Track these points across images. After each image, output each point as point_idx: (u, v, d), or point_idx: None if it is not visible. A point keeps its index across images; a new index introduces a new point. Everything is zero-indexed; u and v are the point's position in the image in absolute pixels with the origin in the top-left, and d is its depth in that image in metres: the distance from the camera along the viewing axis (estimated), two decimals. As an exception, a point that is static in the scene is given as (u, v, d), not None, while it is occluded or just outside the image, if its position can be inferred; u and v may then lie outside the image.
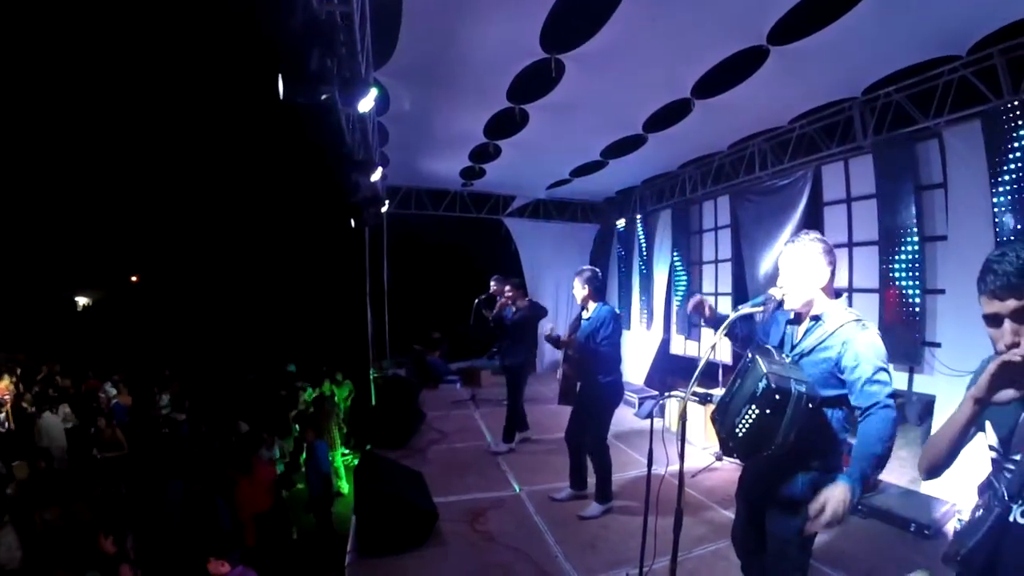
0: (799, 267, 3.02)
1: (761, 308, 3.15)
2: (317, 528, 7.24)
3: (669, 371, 11.91)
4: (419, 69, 6.56)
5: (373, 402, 10.12)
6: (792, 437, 2.70)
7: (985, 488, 2.10)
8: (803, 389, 2.68)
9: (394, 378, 11.21)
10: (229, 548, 4.72)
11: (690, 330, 11.13)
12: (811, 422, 2.77)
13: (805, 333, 3.07)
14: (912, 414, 8.50)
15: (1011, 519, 1.90)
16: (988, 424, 2.06)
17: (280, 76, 4.56)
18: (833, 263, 3.05)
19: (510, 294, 8.12)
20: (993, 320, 1.86)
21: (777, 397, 2.65)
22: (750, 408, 2.75)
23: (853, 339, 2.87)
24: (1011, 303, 1.78)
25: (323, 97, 4.79)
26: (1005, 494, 1.92)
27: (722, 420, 3.03)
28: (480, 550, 5.20)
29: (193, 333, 24.67)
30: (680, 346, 11.65)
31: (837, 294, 3.13)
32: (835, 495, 2.63)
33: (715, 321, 3.44)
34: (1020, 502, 1.88)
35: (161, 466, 7.05)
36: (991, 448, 2.05)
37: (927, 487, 6.27)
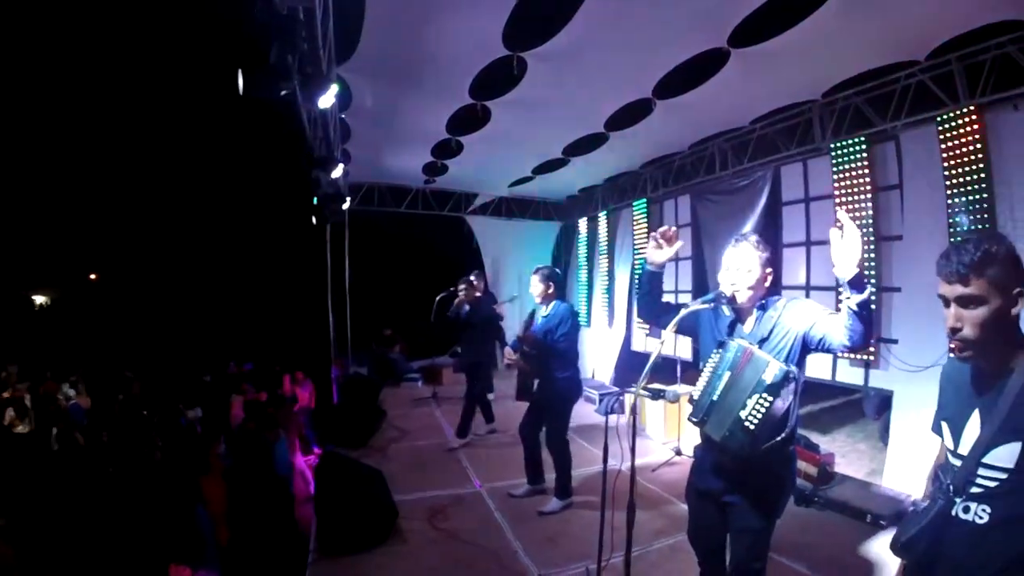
0: (746, 266, 3.12)
1: (711, 304, 3.19)
2: (278, 530, 7.14)
3: (631, 368, 11.99)
4: (382, 65, 6.53)
5: (335, 401, 10.07)
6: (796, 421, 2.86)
7: (934, 479, 2.20)
8: (796, 370, 2.81)
9: (355, 376, 11.15)
10: (199, 553, 4.67)
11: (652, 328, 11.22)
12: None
13: (755, 322, 3.15)
14: (870, 408, 8.71)
15: (953, 513, 1.99)
16: (944, 425, 2.15)
17: (240, 71, 4.52)
18: (772, 263, 3.19)
19: (465, 291, 8.21)
20: (944, 301, 1.99)
21: (789, 378, 2.76)
22: (761, 398, 2.79)
23: (797, 312, 3.01)
24: (958, 288, 1.91)
25: (283, 92, 4.75)
26: (950, 488, 2.00)
27: (717, 419, 3.02)
28: (441, 547, 5.21)
29: (153, 332, 24.29)
30: (641, 343, 11.72)
31: (770, 291, 3.24)
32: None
33: (654, 281, 3.50)
34: (963, 498, 1.97)
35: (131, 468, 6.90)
36: (946, 447, 2.13)
37: (884, 479, 6.43)
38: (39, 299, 34.94)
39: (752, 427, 2.81)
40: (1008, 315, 1.89)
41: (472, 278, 8.53)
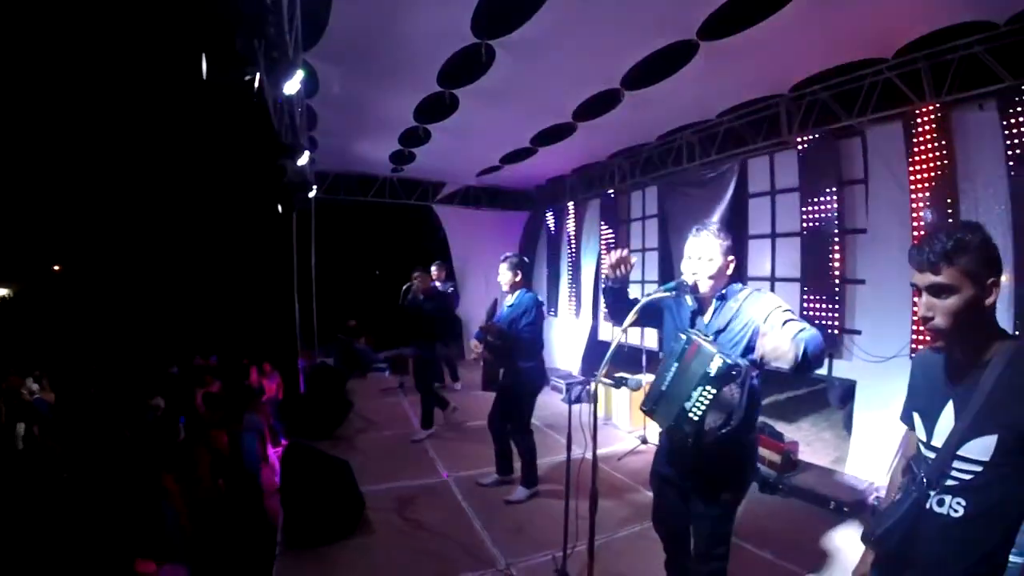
0: (708, 255, 3.16)
1: (672, 293, 3.21)
2: (246, 523, 7.04)
3: (599, 357, 12.07)
4: (349, 51, 6.45)
5: (302, 391, 9.99)
6: (743, 412, 2.81)
7: (907, 470, 2.18)
8: (744, 363, 2.79)
9: (322, 367, 11.06)
10: (165, 547, 4.59)
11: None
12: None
13: (714, 313, 3.19)
14: (834, 398, 8.85)
15: (927, 506, 1.99)
16: (916, 416, 2.15)
17: (203, 55, 4.44)
18: (733, 252, 3.22)
19: (419, 278, 8.19)
20: (916, 290, 1.99)
21: (733, 373, 2.73)
22: (705, 390, 2.79)
23: (757, 304, 3.03)
24: (929, 277, 1.91)
25: (247, 78, 4.68)
26: (924, 481, 2.00)
27: (664, 410, 3.05)
28: (408, 537, 5.20)
29: (117, 325, 23.87)
30: (609, 332, 11.77)
31: (736, 281, 3.27)
32: (777, 340, 2.66)
33: (617, 296, 3.54)
34: (937, 491, 1.97)
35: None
36: (918, 438, 2.13)
37: (848, 467, 6.55)
38: (0, 292, 34.20)
39: (696, 418, 2.82)
40: (981, 305, 1.87)
41: (434, 268, 8.49)
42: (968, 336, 1.92)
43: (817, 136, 7.35)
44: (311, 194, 10.05)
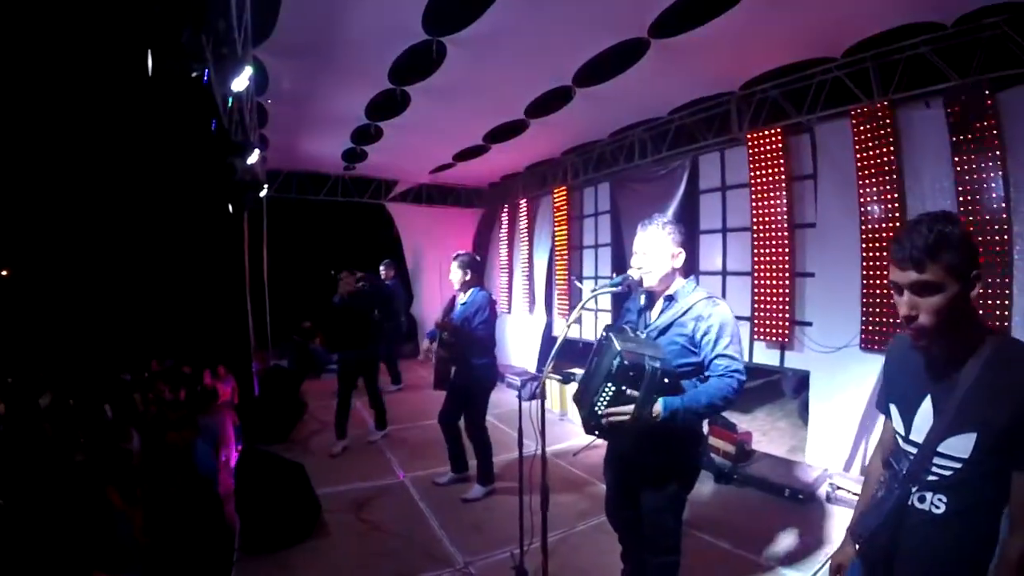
0: (653, 249, 3.18)
1: (618, 289, 3.24)
2: (201, 531, 6.88)
3: (553, 354, 12.11)
4: (299, 47, 6.35)
5: (256, 394, 9.84)
6: (648, 411, 2.82)
7: (887, 464, 2.17)
8: (657, 365, 2.79)
9: (276, 369, 10.92)
10: (121, 559, 4.49)
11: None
12: (670, 390, 2.90)
13: (661, 312, 3.22)
14: (788, 388, 8.99)
15: (909, 503, 1.97)
16: (893, 407, 2.12)
17: (149, 51, 4.35)
18: (682, 245, 3.21)
19: (343, 279, 7.93)
20: (896, 288, 1.90)
21: (631, 373, 2.77)
22: (607, 385, 2.85)
23: (706, 315, 3.02)
24: (912, 275, 1.82)
25: (194, 74, 4.60)
26: (907, 477, 1.98)
27: (581, 400, 3.15)
28: (365, 539, 5.15)
29: (67, 331, 23.26)
30: (562, 329, 11.81)
31: (687, 275, 3.27)
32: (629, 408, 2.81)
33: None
34: (918, 487, 1.95)
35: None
36: (895, 431, 2.11)
37: (807, 456, 6.73)
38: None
39: (599, 411, 2.90)
40: (966, 300, 1.82)
41: (382, 267, 8.37)
42: (952, 332, 1.85)
43: (767, 132, 7.46)
44: (262, 193, 9.90)
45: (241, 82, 5.34)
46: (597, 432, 3.02)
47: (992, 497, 1.81)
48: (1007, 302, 5.25)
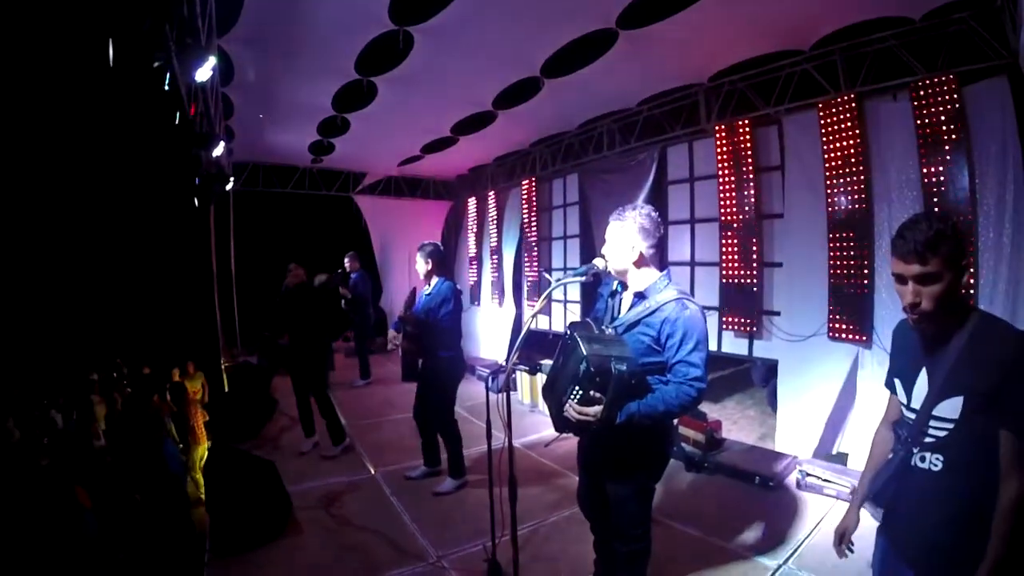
0: (621, 239, 3.17)
1: (583, 278, 3.24)
2: (171, 532, 6.75)
3: (525, 345, 12.11)
4: (264, 36, 6.27)
5: (226, 391, 9.72)
6: (615, 412, 2.85)
7: (892, 433, 2.43)
8: (623, 368, 2.78)
9: (245, 365, 10.80)
10: (89, 564, 4.41)
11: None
12: (637, 390, 2.91)
13: (630, 308, 3.20)
14: (757, 377, 9.09)
15: (912, 463, 2.21)
16: (897, 382, 2.34)
17: (110, 40, 4.27)
18: (653, 236, 3.17)
19: (291, 271, 7.84)
20: (899, 279, 2.09)
21: (598, 379, 2.77)
22: (574, 387, 2.87)
23: (673, 319, 2.99)
24: (915, 268, 2.02)
25: (157, 64, 4.52)
26: (908, 439, 2.23)
27: (551, 396, 3.20)
28: (338, 535, 5.11)
29: (29, 331, 22.78)
30: (533, 320, 11.80)
31: (660, 268, 3.25)
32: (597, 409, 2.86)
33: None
34: (919, 448, 2.18)
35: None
36: (900, 402, 2.34)
37: (777, 443, 6.83)
38: None
39: (567, 413, 2.94)
40: (959, 286, 2.04)
41: (347, 259, 8.27)
42: (946, 314, 2.07)
43: (735, 124, 7.49)
44: (228, 186, 9.76)
45: (205, 72, 5.24)
46: (566, 429, 3.07)
47: (982, 452, 2.00)
48: (972, 291, 5.34)
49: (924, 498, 2.16)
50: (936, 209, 5.55)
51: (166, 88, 4.90)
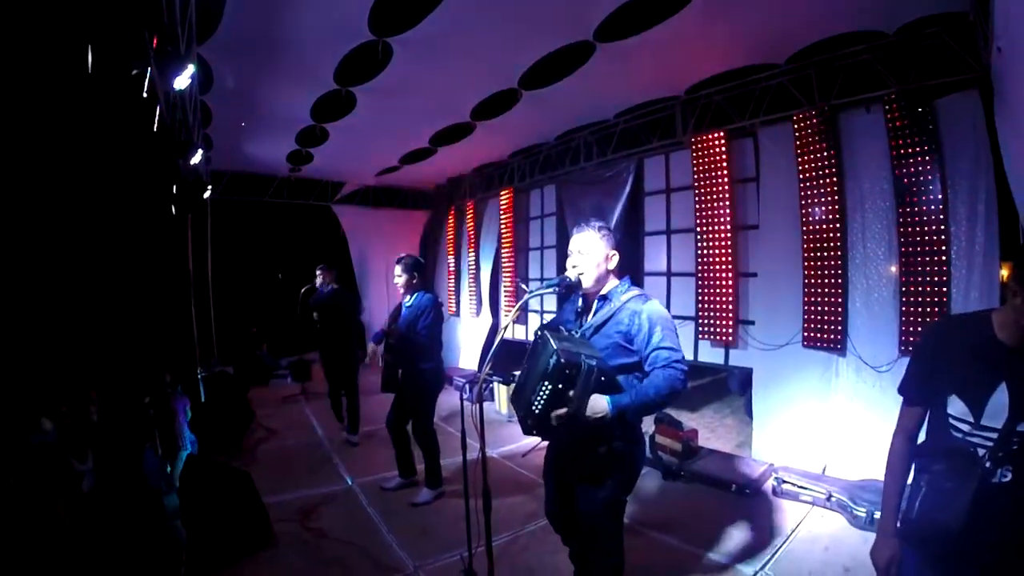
0: (590, 251, 3.22)
1: (553, 290, 3.27)
2: (149, 547, 6.62)
3: (504, 356, 12.11)
4: (244, 45, 6.24)
5: (202, 402, 9.63)
6: (584, 409, 2.85)
7: (948, 454, 2.27)
8: (593, 363, 2.83)
9: (222, 376, 10.70)
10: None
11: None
12: (607, 388, 2.94)
13: (595, 311, 3.26)
14: (734, 385, 9.17)
15: (995, 480, 2.12)
16: (955, 397, 2.25)
17: (89, 47, 4.25)
18: (616, 247, 3.27)
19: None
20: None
21: (567, 372, 2.79)
22: (543, 384, 2.87)
23: (638, 311, 3.06)
24: None
25: (136, 72, 4.50)
26: (988, 461, 2.13)
27: (519, 399, 3.18)
28: (312, 548, 5.09)
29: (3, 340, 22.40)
30: (510, 331, 11.83)
31: (620, 276, 3.31)
32: (593, 403, 2.87)
33: None
34: (1004, 465, 2.11)
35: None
36: (954, 420, 2.24)
37: (753, 451, 6.90)
38: None
39: (536, 411, 2.93)
40: None
41: (318, 271, 8.28)
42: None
43: (710, 136, 7.58)
44: (206, 194, 9.71)
45: (183, 80, 5.22)
46: (535, 431, 3.06)
47: None
48: (945, 299, 5.44)
49: (995, 511, 2.11)
50: (896, 212, 5.80)
51: (144, 95, 4.88)
